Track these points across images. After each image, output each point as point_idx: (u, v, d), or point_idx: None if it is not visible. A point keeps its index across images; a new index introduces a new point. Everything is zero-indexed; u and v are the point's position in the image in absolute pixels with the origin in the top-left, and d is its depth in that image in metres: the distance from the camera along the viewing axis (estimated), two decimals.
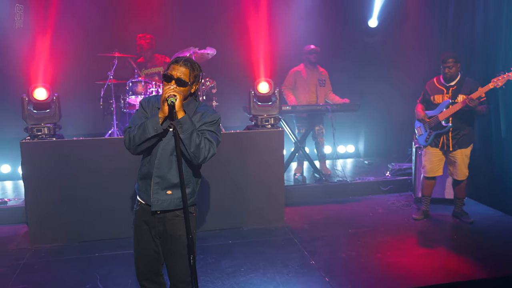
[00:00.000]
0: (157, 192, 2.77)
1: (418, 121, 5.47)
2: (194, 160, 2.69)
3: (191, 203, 2.86)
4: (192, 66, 2.74)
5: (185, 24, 7.02)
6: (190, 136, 2.60)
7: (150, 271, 2.91)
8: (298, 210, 5.89)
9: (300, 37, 7.05)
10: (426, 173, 5.46)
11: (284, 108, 6.29)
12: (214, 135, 2.80)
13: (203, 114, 2.81)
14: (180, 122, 2.58)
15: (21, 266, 4.37)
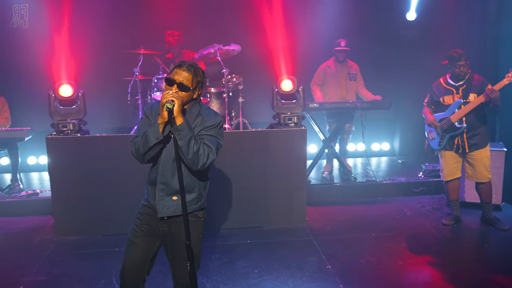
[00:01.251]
0: (162, 199, 2.77)
1: (428, 126, 5.21)
2: (192, 166, 2.65)
3: (199, 207, 2.85)
4: (195, 71, 2.71)
5: (210, 21, 6.97)
6: (188, 143, 2.56)
7: (137, 273, 2.85)
8: (322, 211, 5.76)
9: (330, 31, 6.85)
10: (445, 177, 5.22)
11: (311, 105, 6.14)
12: (214, 140, 2.75)
13: (204, 118, 2.77)
14: (178, 129, 2.54)
15: (44, 258, 4.53)
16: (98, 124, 6.08)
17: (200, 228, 2.90)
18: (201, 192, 2.86)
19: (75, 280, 4.03)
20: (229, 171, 5.12)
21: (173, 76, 2.67)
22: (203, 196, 2.89)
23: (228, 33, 6.64)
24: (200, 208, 2.87)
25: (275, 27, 5.76)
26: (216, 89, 6.21)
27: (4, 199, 5.82)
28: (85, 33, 6.27)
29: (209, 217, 5.04)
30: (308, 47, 6.72)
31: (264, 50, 5.99)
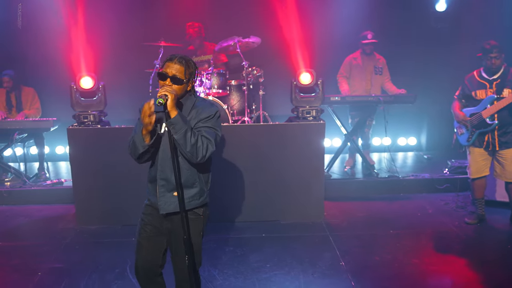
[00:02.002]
0: (163, 195, 2.75)
1: (458, 122, 5.02)
2: (192, 159, 2.62)
3: (201, 203, 2.80)
4: (187, 63, 2.66)
5: (231, 13, 6.95)
6: (185, 135, 2.53)
7: (150, 269, 2.89)
8: (341, 206, 5.68)
9: (353, 23, 6.70)
10: (472, 174, 5.02)
11: (333, 98, 6.05)
12: (212, 131, 2.70)
13: (199, 110, 2.72)
14: (172, 122, 2.51)
15: (63, 246, 4.66)
16: (119, 116, 6.18)
17: (200, 225, 2.85)
18: (202, 187, 2.82)
19: (91, 269, 4.11)
20: (246, 164, 5.11)
21: (165, 69, 2.63)
22: (205, 192, 2.85)
23: (249, 25, 6.60)
24: (202, 204, 2.83)
25: (296, 19, 5.68)
26: (237, 81, 6.20)
27: (30, 187, 6.02)
28: (107, 26, 6.37)
29: (225, 210, 5.13)
30: (330, 39, 6.61)
31: (285, 42, 5.91)
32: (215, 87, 5.86)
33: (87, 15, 5.64)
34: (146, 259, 2.88)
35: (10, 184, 6.16)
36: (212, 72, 5.84)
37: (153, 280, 2.94)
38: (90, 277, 3.96)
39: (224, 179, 5.08)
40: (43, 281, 3.93)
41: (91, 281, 3.88)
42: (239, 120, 6.09)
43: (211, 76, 5.83)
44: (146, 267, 2.90)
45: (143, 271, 2.92)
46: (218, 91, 5.90)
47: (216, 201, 5.06)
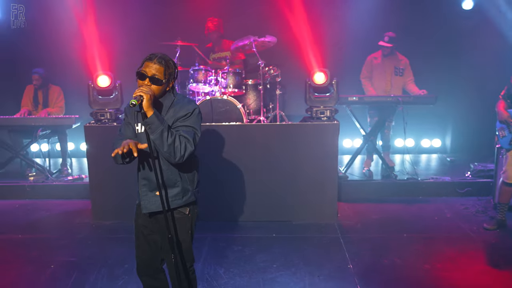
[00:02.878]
0: (146, 194, 2.75)
1: (501, 122, 4.83)
2: (170, 159, 2.59)
3: (185, 203, 2.79)
4: (166, 63, 2.63)
5: (245, 12, 6.95)
6: (161, 135, 2.50)
7: (149, 267, 2.94)
8: (356, 208, 5.60)
9: (377, 20, 6.60)
10: (507, 178, 4.82)
11: (350, 99, 5.97)
12: (190, 130, 2.65)
13: (176, 109, 2.68)
14: (148, 122, 2.49)
15: (77, 240, 4.78)
16: None
17: (187, 224, 2.83)
18: (185, 186, 2.78)
19: (101, 263, 4.20)
20: (259, 163, 5.10)
21: (144, 69, 2.59)
22: (189, 191, 2.80)
23: (265, 25, 6.61)
24: (186, 203, 2.80)
25: (314, 17, 5.62)
26: (254, 81, 6.21)
27: (52, 182, 6.21)
28: (125, 25, 6.48)
29: (237, 209, 5.14)
30: (348, 38, 6.52)
31: (302, 41, 5.87)
32: (230, 86, 5.88)
33: (104, 15, 5.75)
34: (144, 258, 2.93)
35: (34, 179, 6.38)
36: (228, 71, 5.85)
37: (154, 277, 2.99)
38: (99, 271, 4.04)
39: (237, 178, 5.10)
40: (55, 274, 4.05)
41: (100, 275, 3.97)
42: (255, 119, 6.08)
43: (227, 75, 5.85)
44: (145, 266, 2.95)
45: (143, 270, 2.97)
46: (234, 90, 5.91)
47: (228, 200, 5.14)
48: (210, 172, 5.08)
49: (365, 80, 6.48)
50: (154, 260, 2.93)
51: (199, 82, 5.82)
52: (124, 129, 2.82)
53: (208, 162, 5.04)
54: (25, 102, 6.80)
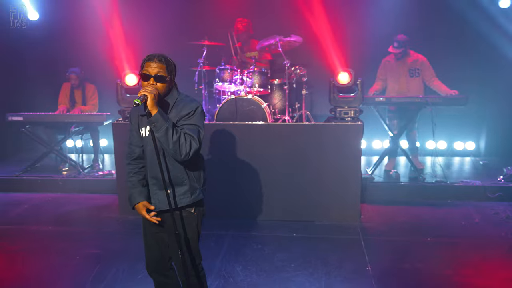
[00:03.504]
0: (156, 193, 2.81)
1: None
2: (176, 157, 2.64)
3: (193, 201, 2.83)
4: (166, 61, 2.69)
5: (272, 12, 6.96)
6: (166, 133, 2.55)
7: (158, 264, 3.00)
8: (381, 210, 5.52)
9: (407, 18, 6.47)
10: None
11: (377, 99, 5.89)
12: (194, 128, 2.69)
13: (179, 108, 2.73)
14: (152, 121, 2.54)
15: (103, 233, 4.95)
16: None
17: (194, 222, 2.88)
18: (193, 184, 2.83)
19: (123, 257, 4.32)
20: (282, 163, 5.11)
21: (146, 69, 2.65)
22: (197, 189, 2.85)
23: (292, 24, 6.59)
24: (194, 202, 2.84)
25: (342, 16, 5.56)
26: (280, 80, 6.21)
27: (83, 177, 6.43)
28: (153, 25, 6.61)
29: (259, 208, 5.17)
30: (375, 37, 6.41)
31: (329, 41, 5.84)
32: (256, 86, 5.90)
33: (132, 14, 5.89)
34: (152, 255, 2.99)
35: (66, 174, 6.62)
36: (253, 71, 5.89)
37: (164, 274, 3.05)
38: (121, 264, 4.16)
39: (259, 177, 5.12)
40: (79, 265, 4.20)
41: (121, 269, 4.08)
42: (280, 119, 6.09)
43: (253, 75, 5.88)
44: (154, 263, 3.02)
45: (152, 267, 3.04)
46: (259, 89, 5.93)
47: (250, 199, 5.17)
48: (233, 171, 5.14)
49: (377, 81, 6.40)
50: (162, 258, 2.98)
51: (225, 81, 5.89)
52: (131, 138, 2.92)
53: (231, 161, 5.11)
54: (62, 99, 7.07)
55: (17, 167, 6.92)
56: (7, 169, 6.96)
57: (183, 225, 2.84)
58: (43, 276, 3.99)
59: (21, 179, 6.47)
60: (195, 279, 2.92)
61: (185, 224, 2.84)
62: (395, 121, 6.33)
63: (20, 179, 6.47)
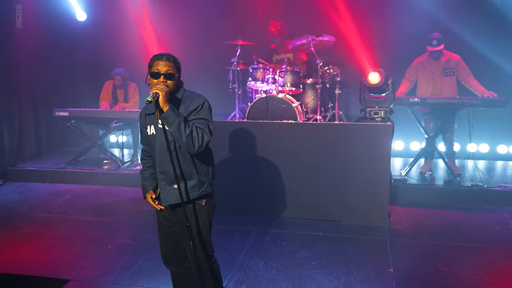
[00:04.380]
0: (164, 188, 2.90)
1: None
2: (190, 149, 2.75)
3: (201, 194, 2.92)
4: (174, 59, 2.81)
5: (303, 12, 6.96)
6: (178, 127, 2.65)
7: (173, 256, 3.13)
8: (411, 212, 5.42)
9: (441, 17, 6.30)
10: None
11: (412, 100, 5.79)
12: (204, 122, 2.81)
13: (187, 103, 2.84)
14: (165, 116, 2.65)
15: (136, 225, 5.16)
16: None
17: (205, 214, 2.98)
18: (201, 178, 2.92)
19: (151, 248, 4.49)
20: (311, 162, 5.14)
21: (155, 68, 2.76)
22: (205, 182, 2.94)
23: (325, 24, 6.58)
24: (203, 195, 2.94)
25: (377, 15, 5.50)
26: (313, 80, 6.23)
27: (122, 171, 6.72)
28: (188, 25, 6.78)
29: (288, 206, 5.22)
30: (408, 37, 6.28)
31: (362, 40, 5.80)
32: (288, 85, 5.95)
33: (169, 16, 6.09)
34: (166, 248, 3.12)
35: (107, 167, 6.93)
36: (286, 70, 5.94)
37: (179, 265, 3.17)
38: (149, 255, 4.34)
39: (287, 175, 5.18)
40: (110, 253, 4.43)
41: (148, 259, 4.27)
42: (312, 118, 6.11)
43: (285, 74, 5.94)
44: (169, 255, 3.14)
45: (167, 259, 3.17)
46: (291, 88, 5.98)
47: (278, 196, 5.24)
48: (261, 169, 5.22)
49: (405, 81, 6.22)
50: (176, 250, 3.10)
51: (257, 80, 5.98)
52: (141, 137, 3.07)
53: (260, 159, 5.20)
54: (104, 96, 7.41)
55: (63, 159, 7.35)
56: (54, 161, 7.40)
57: (195, 218, 2.94)
58: (76, 261, 4.24)
59: (65, 171, 6.86)
60: (208, 271, 3.02)
61: (197, 217, 2.95)
62: (432, 124, 6.17)
63: (65, 171, 6.86)
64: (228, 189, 5.24)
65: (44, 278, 3.93)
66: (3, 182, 6.79)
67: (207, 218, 3.00)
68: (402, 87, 6.19)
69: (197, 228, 2.94)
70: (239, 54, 6.27)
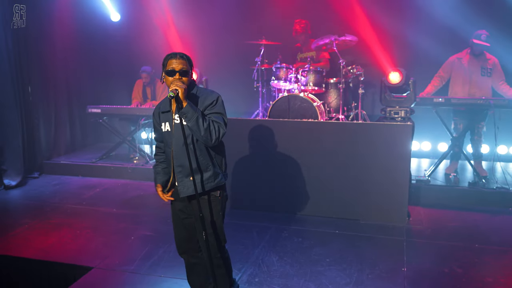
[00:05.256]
0: (181, 180, 3.03)
1: None
2: (207, 142, 2.91)
3: (216, 185, 3.07)
4: (187, 57, 2.96)
5: (326, 12, 6.97)
6: (196, 122, 2.82)
7: (187, 247, 3.28)
8: (432, 213, 5.38)
9: (466, 17, 6.19)
10: None
11: (436, 100, 5.73)
12: (219, 116, 2.99)
13: (201, 99, 3.01)
14: (184, 112, 2.81)
15: (159, 218, 5.34)
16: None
17: (219, 205, 3.12)
18: (216, 170, 3.07)
19: (172, 240, 4.63)
20: (330, 160, 5.18)
21: (170, 66, 2.91)
22: (219, 174, 3.09)
23: (349, 24, 6.59)
24: (218, 186, 3.08)
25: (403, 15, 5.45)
26: (337, 79, 6.26)
27: (150, 166, 6.96)
28: (211, 23, 6.93)
29: (306, 203, 5.30)
30: (434, 37, 6.20)
31: (385, 40, 5.79)
32: (310, 84, 6.01)
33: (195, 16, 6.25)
34: (180, 239, 3.28)
35: (136, 162, 7.20)
36: (308, 70, 6.00)
37: (193, 255, 3.32)
38: (169, 247, 4.51)
39: (306, 173, 5.25)
40: (133, 244, 4.64)
41: (168, 250, 4.44)
42: (334, 117, 6.15)
43: (307, 74, 6.00)
44: (183, 245, 3.30)
45: (181, 249, 3.33)
46: (314, 88, 6.04)
47: (298, 194, 5.32)
48: (281, 166, 5.31)
49: (435, 78, 6.10)
50: (190, 241, 3.25)
51: (280, 80, 6.08)
52: (155, 133, 3.23)
53: (280, 156, 5.29)
54: (135, 95, 7.68)
55: (95, 154, 7.67)
56: (87, 156, 7.74)
57: (210, 209, 3.09)
58: (100, 251, 4.47)
59: (97, 166, 7.17)
60: (220, 260, 3.17)
61: (211, 208, 3.09)
62: (461, 125, 6.03)
63: (96, 166, 7.17)
64: (248, 185, 5.37)
65: (69, 265, 4.18)
66: (39, 175, 7.17)
67: (221, 209, 3.15)
68: (430, 87, 6.11)
69: (211, 218, 3.09)
70: (263, 54, 6.38)
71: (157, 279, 3.93)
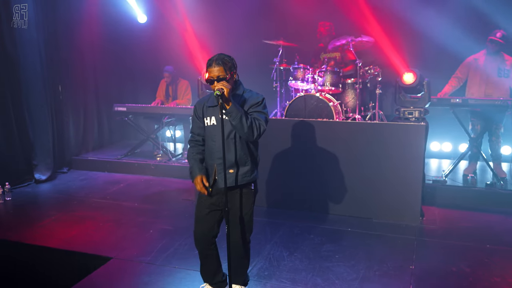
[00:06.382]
0: (220, 173, 3.22)
1: None
2: (249, 138, 3.18)
3: (252, 179, 3.34)
4: (223, 61, 3.11)
5: (342, 13, 7.01)
6: (240, 120, 3.06)
7: (206, 238, 3.43)
8: (447, 213, 5.40)
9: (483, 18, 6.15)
10: None
11: (453, 101, 5.73)
12: (261, 114, 3.23)
13: (247, 99, 3.25)
14: (229, 111, 3.05)
15: (178, 213, 5.56)
16: None
17: (251, 198, 3.38)
18: (253, 164, 3.34)
19: (189, 234, 4.71)
20: (344, 159, 5.27)
21: (209, 75, 3.12)
22: (255, 169, 3.38)
23: (365, 25, 6.62)
24: (253, 180, 3.35)
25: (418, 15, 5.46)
26: (354, 80, 6.33)
27: (172, 163, 7.20)
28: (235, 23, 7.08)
29: (321, 201, 5.42)
30: (449, 39, 6.17)
31: (401, 41, 5.82)
32: (327, 85, 6.10)
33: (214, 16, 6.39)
34: (203, 230, 3.43)
35: (159, 159, 7.45)
36: (325, 70, 6.10)
37: (209, 247, 3.49)
38: (185, 240, 4.71)
39: (321, 172, 5.36)
40: (151, 237, 4.86)
41: (183, 243, 4.64)
42: (351, 117, 6.22)
43: (324, 74, 6.09)
44: (203, 237, 3.46)
45: (201, 240, 3.48)
46: (331, 88, 6.12)
47: (313, 192, 5.43)
48: (295, 165, 5.44)
49: (453, 79, 6.09)
50: (211, 233, 3.42)
51: (297, 80, 6.20)
52: (194, 126, 3.42)
53: (295, 155, 5.41)
54: (159, 94, 7.95)
55: (121, 151, 7.98)
56: (113, 152, 8.07)
57: (245, 200, 3.33)
58: (120, 242, 4.71)
59: (122, 162, 7.47)
60: (247, 252, 3.47)
61: (246, 200, 3.34)
62: (479, 126, 6.01)
63: (121, 162, 7.47)
64: (263, 182, 5.51)
65: (90, 255, 4.42)
66: (67, 170, 7.52)
67: (253, 202, 3.41)
68: (447, 87, 6.11)
69: (245, 210, 3.34)
70: (282, 54, 6.51)
71: (171, 270, 4.13)
